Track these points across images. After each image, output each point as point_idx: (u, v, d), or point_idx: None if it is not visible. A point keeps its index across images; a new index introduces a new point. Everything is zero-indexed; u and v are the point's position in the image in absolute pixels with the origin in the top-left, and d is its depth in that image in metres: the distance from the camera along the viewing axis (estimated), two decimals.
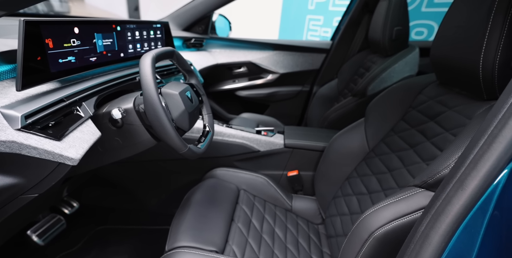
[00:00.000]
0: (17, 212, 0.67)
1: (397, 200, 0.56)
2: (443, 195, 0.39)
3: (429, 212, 0.42)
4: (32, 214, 0.86)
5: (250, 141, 1.11)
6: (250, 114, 1.64)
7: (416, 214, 0.52)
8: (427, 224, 0.40)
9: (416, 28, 2.18)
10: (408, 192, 0.55)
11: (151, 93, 0.58)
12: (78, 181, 0.96)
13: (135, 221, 1.22)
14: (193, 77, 0.83)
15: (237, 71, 1.79)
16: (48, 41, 0.58)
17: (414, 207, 0.53)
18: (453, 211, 0.37)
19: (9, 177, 0.47)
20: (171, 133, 0.60)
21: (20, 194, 0.51)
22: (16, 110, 0.48)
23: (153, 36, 1.02)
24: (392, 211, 0.55)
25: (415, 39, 2.18)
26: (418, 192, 0.54)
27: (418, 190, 0.54)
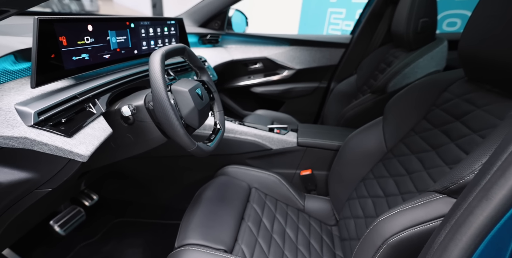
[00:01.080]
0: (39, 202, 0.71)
1: (415, 206, 0.52)
2: (464, 204, 0.36)
3: (449, 222, 0.38)
4: (53, 205, 0.90)
5: (262, 139, 1.10)
6: (265, 111, 1.62)
7: (435, 222, 0.48)
8: (446, 235, 0.36)
9: (448, 19, 2.02)
10: (428, 198, 0.51)
11: (159, 90, 0.58)
12: (95, 175, 1.00)
13: (150, 215, 1.26)
14: (204, 74, 0.82)
15: (252, 67, 1.77)
16: (62, 39, 0.59)
17: (433, 214, 0.49)
18: (475, 223, 0.33)
19: (24, 172, 0.49)
20: (179, 131, 0.60)
21: (35, 189, 0.53)
22: (29, 107, 0.49)
23: (167, 33, 1.02)
24: (409, 217, 0.51)
25: (446, 31, 2.04)
26: (438, 198, 0.50)
27: (439, 196, 0.50)
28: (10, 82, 0.57)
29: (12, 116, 0.47)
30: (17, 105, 0.49)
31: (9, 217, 0.54)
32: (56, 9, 4.45)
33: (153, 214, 1.26)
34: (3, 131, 0.45)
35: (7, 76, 0.58)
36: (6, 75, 0.58)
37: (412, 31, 1.24)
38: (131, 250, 1.08)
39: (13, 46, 0.61)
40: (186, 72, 1.10)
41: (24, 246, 0.93)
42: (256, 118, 1.50)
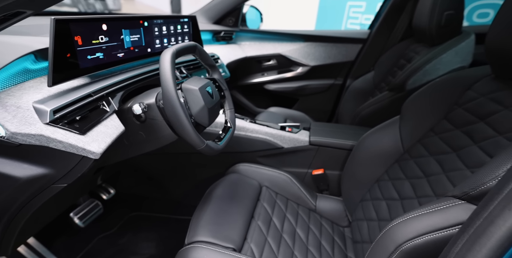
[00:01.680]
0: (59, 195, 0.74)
1: (432, 211, 0.49)
2: (485, 213, 0.33)
3: (467, 231, 0.36)
4: (72, 198, 0.94)
5: (274, 137, 1.08)
6: (278, 109, 1.60)
7: (452, 230, 0.45)
8: (464, 245, 0.34)
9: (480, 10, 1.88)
10: (446, 203, 0.49)
11: (169, 89, 0.58)
12: (111, 171, 1.03)
13: (164, 209, 1.28)
14: (215, 72, 0.82)
15: (266, 64, 1.75)
16: (77, 38, 0.61)
17: (451, 221, 0.46)
18: (496, 234, 0.30)
19: (41, 167, 0.51)
20: (188, 130, 0.60)
21: (51, 184, 0.55)
22: (46, 105, 0.51)
23: (180, 31, 1.03)
24: (424, 223, 0.49)
25: (476, 23, 1.90)
26: (457, 204, 0.47)
27: (458, 202, 0.47)
28: (30, 80, 0.59)
29: (30, 114, 0.49)
30: (34, 103, 0.51)
31: (29, 210, 0.57)
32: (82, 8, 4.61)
33: (167, 209, 1.28)
34: (21, 128, 0.47)
35: (27, 75, 0.61)
36: (27, 74, 0.61)
37: (435, 25, 1.17)
38: (146, 243, 1.11)
39: (33, 46, 0.63)
40: (199, 70, 1.10)
41: (46, 236, 0.98)
42: (269, 115, 1.49)
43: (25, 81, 0.59)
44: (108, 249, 1.07)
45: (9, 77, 0.56)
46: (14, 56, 0.57)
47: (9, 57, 0.56)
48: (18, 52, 0.58)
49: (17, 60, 0.59)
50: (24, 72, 0.60)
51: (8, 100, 0.49)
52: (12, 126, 0.46)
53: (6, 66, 0.55)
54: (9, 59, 0.55)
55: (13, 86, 0.55)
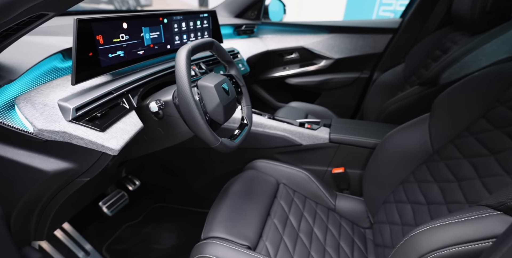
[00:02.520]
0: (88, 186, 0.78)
1: (463, 221, 0.45)
2: None
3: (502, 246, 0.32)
4: (100, 188, 1.00)
5: (292, 134, 1.06)
6: (299, 103, 1.56)
7: (484, 243, 0.41)
8: None
9: None
10: (479, 213, 0.44)
11: (183, 87, 0.59)
12: (135, 164, 1.08)
13: (186, 202, 1.33)
14: (233, 68, 0.81)
15: (288, 57, 1.71)
16: (99, 37, 0.62)
17: (483, 233, 0.41)
18: None
19: (66, 162, 0.54)
20: (202, 127, 0.60)
21: (76, 177, 0.58)
22: (69, 103, 0.53)
23: (200, 26, 1.03)
24: (452, 233, 0.45)
25: None
26: (492, 215, 0.42)
27: (493, 213, 0.42)
28: (58, 79, 0.63)
29: (55, 112, 0.52)
30: (59, 101, 0.53)
31: (59, 200, 0.61)
32: (117, 5, 4.80)
33: (188, 201, 1.32)
34: (47, 125, 0.49)
35: (56, 73, 0.64)
36: (56, 72, 0.64)
37: (478, 10, 1.05)
38: (167, 234, 1.16)
39: (60, 46, 0.67)
40: (219, 65, 1.10)
41: (80, 222, 1.05)
42: (290, 110, 1.46)
43: (54, 79, 0.62)
44: (133, 238, 1.14)
45: (40, 75, 0.60)
46: (43, 56, 0.60)
47: (39, 56, 0.59)
48: (47, 52, 0.61)
49: (46, 59, 0.63)
50: (53, 71, 0.64)
51: (37, 98, 0.52)
52: (39, 123, 0.49)
53: (36, 65, 0.58)
54: (38, 58, 0.58)
55: (42, 84, 0.58)
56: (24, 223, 0.59)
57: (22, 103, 0.50)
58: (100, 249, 1.05)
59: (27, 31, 0.46)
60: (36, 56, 0.58)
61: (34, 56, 0.58)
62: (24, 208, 0.56)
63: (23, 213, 0.57)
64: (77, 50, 0.55)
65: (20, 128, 0.48)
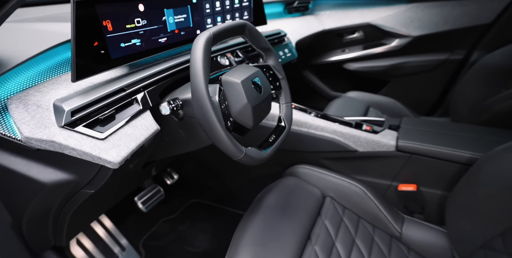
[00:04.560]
0: (122, 181, 0.74)
1: None
2: None
3: None
4: (134, 184, 0.97)
5: (345, 137, 0.84)
6: (359, 93, 1.30)
7: None
8: None
9: None
10: None
11: (197, 85, 0.45)
12: (164, 162, 1.02)
13: (222, 201, 1.26)
14: (271, 56, 0.65)
15: (349, 37, 1.43)
16: (107, 23, 0.52)
17: None
18: None
19: (65, 173, 0.47)
20: (219, 135, 0.47)
21: (79, 189, 0.51)
22: (65, 104, 0.45)
23: (238, 5, 0.87)
24: None
25: None
26: None
27: None
28: (69, 72, 0.56)
29: (48, 115, 0.44)
30: (57, 101, 0.45)
31: (70, 209, 0.56)
32: None
33: (225, 200, 1.25)
34: (35, 132, 0.42)
35: (68, 66, 0.57)
36: (68, 65, 0.57)
37: None
38: (201, 235, 1.11)
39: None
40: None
41: (117, 215, 1.07)
42: (347, 102, 1.22)
43: (65, 73, 0.55)
44: (168, 234, 1.12)
45: (46, 69, 0.53)
46: (46, 45, 0.53)
47: (41, 46, 0.52)
48: (52, 41, 0.54)
49: (56, 50, 0.56)
50: (64, 63, 0.57)
51: (32, 98, 0.45)
52: (27, 129, 0.42)
53: (41, 57, 0.52)
54: (40, 48, 0.52)
55: (48, 80, 0.51)
56: (40, 230, 0.56)
57: (15, 103, 0.43)
58: (137, 244, 1.05)
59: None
60: (37, 46, 0.51)
61: (34, 46, 0.51)
62: (35, 216, 0.52)
63: (36, 220, 0.53)
64: (76, 40, 0.46)
65: (8, 134, 0.42)
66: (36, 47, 0.52)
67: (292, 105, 0.75)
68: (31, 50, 0.51)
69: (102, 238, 0.96)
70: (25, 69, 0.49)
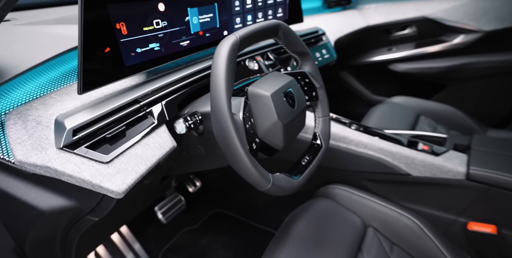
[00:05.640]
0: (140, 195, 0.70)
1: None
2: None
3: None
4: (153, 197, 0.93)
5: (394, 157, 0.71)
6: (407, 99, 1.14)
7: None
8: None
9: None
10: None
11: (218, 101, 0.38)
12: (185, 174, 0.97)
13: (246, 213, 1.18)
14: (307, 62, 0.56)
15: (397, 34, 1.28)
16: (120, 26, 0.46)
17: None
18: None
19: (66, 199, 0.42)
20: (242, 163, 0.39)
21: (82, 216, 0.46)
22: (68, 121, 0.39)
23: (272, 1, 0.77)
24: None
25: None
26: None
27: None
28: None
29: (47, 134, 0.39)
30: (59, 117, 0.40)
31: (76, 234, 0.51)
32: None
33: (249, 213, 1.17)
34: (29, 155, 0.37)
35: None
36: None
37: None
38: (222, 252, 1.05)
39: None
40: None
41: (138, 223, 1.04)
42: (392, 109, 1.07)
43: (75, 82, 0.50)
44: (189, 248, 1.07)
45: (55, 78, 0.48)
46: (57, 50, 0.48)
47: (50, 52, 0.48)
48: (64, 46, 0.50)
49: (70, 55, 0.52)
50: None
51: (33, 112, 0.40)
52: (21, 151, 0.37)
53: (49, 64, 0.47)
54: (49, 54, 0.47)
55: (57, 89, 0.46)
56: (46, 254, 0.52)
57: (13, 119, 0.39)
58: (156, 255, 1.01)
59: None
60: (45, 52, 0.46)
61: (42, 51, 0.46)
62: (39, 241, 0.48)
63: (40, 245, 0.50)
64: (83, 46, 0.40)
65: (1, 157, 0.37)
66: (44, 53, 0.47)
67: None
68: (37, 56, 0.46)
69: (120, 249, 0.94)
70: (31, 77, 0.45)
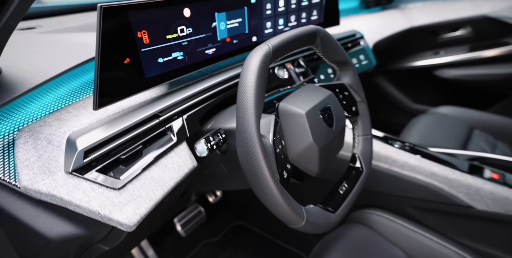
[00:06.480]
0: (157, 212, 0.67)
1: None
2: None
3: None
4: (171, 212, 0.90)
5: (451, 185, 0.60)
6: (457, 109, 1.02)
7: None
8: None
9: None
10: None
11: (245, 122, 0.32)
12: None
13: (268, 228, 1.11)
14: (347, 72, 0.49)
15: (447, 36, 1.16)
16: (142, 35, 0.43)
17: None
18: None
19: (74, 226, 0.38)
20: (271, 197, 0.34)
21: (93, 243, 0.43)
22: (80, 141, 0.36)
23: (307, 3, 0.71)
24: None
25: None
26: None
27: None
28: None
29: (56, 155, 0.35)
30: (72, 135, 0.37)
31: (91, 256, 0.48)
32: None
33: (271, 228, 1.10)
34: (35, 180, 0.33)
35: None
36: None
37: None
38: None
39: None
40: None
41: (155, 235, 1.02)
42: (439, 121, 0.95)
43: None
44: None
45: (79, 87, 0.46)
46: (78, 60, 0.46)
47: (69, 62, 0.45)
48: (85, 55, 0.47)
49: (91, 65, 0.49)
50: None
51: (46, 129, 0.37)
52: (27, 175, 0.33)
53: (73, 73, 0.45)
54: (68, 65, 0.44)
55: (79, 100, 0.44)
56: None
57: (24, 137, 0.36)
58: None
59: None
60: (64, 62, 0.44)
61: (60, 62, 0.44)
62: None
63: None
64: (101, 58, 0.37)
65: (7, 180, 0.34)
66: (62, 64, 0.45)
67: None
68: (56, 68, 0.44)
69: None
70: (48, 90, 0.43)
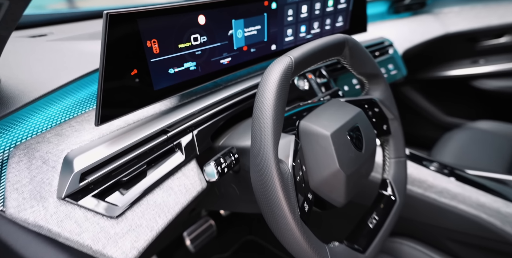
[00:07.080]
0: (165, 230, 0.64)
1: None
2: None
3: None
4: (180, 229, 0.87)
5: (504, 219, 0.52)
6: (500, 125, 0.94)
7: None
8: None
9: None
10: None
11: (261, 146, 0.29)
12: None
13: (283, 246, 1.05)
14: (378, 85, 0.43)
15: (489, 43, 1.07)
16: (152, 44, 0.40)
17: None
18: None
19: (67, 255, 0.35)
20: (289, 235, 0.29)
21: None
22: (78, 161, 0.33)
23: (332, 9, 0.66)
24: None
25: None
26: None
27: None
28: None
29: (50, 177, 0.32)
30: (70, 154, 0.34)
31: None
32: None
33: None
34: (23, 207, 0.30)
35: None
36: None
37: None
38: None
39: None
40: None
41: (164, 253, 0.99)
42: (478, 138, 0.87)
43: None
44: None
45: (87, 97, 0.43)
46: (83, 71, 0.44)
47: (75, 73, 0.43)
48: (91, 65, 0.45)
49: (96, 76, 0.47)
50: None
51: (43, 146, 0.34)
52: (15, 201, 0.30)
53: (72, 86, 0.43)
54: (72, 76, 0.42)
55: (84, 112, 0.41)
56: None
57: (18, 156, 0.33)
58: None
59: None
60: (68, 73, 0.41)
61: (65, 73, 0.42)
62: None
63: None
64: (105, 69, 0.34)
65: None
66: (67, 76, 0.43)
67: None
68: (59, 79, 0.42)
69: None
70: (52, 102, 0.40)
